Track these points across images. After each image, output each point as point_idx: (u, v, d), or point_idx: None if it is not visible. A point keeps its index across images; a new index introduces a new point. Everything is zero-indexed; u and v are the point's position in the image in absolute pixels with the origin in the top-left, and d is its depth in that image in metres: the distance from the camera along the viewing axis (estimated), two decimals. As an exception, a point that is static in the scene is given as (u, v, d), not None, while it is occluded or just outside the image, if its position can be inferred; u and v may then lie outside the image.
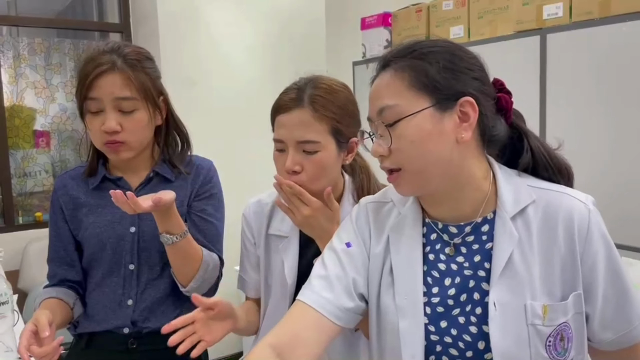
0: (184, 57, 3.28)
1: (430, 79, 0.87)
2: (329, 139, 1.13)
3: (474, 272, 0.91)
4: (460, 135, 0.87)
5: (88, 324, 1.35)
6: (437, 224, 0.95)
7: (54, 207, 1.36)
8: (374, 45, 3.38)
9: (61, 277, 1.35)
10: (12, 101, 3.42)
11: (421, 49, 0.89)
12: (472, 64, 0.91)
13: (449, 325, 0.90)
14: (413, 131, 0.87)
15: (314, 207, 1.11)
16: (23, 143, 3.48)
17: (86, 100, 1.24)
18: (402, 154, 0.88)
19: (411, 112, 0.86)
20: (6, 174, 3.37)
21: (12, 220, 3.39)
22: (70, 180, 1.36)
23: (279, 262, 1.23)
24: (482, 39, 2.71)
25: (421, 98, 0.87)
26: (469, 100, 0.87)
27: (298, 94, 1.13)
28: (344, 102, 1.16)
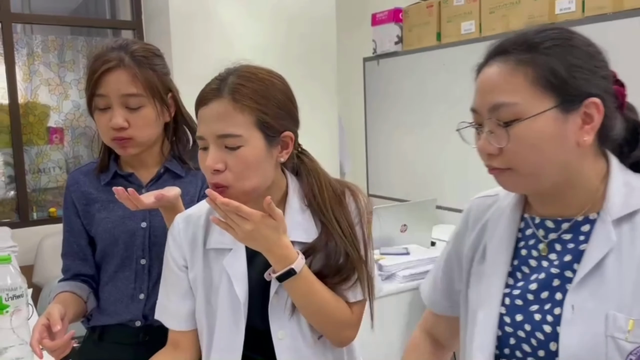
0: (195, 54, 3.30)
1: (558, 77, 0.79)
2: (253, 132, 0.99)
3: (560, 272, 0.86)
4: (582, 139, 0.81)
5: (101, 317, 1.37)
6: (534, 219, 0.91)
7: (67, 202, 1.38)
8: (384, 41, 3.37)
9: (75, 271, 1.37)
10: (26, 98, 3.46)
11: (547, 42, 0.81)
12: (600, 61, 0.84)
13: (524, 320, 0.87)
14: (533, 134, 0.80)
15: (255, 220, 0.96)
16: (37, 139, 3.52)
17: (94, 97, 1.25)
18: (517, 155, 0.82)
19: (533, 113, 0.79)
20: (21, 170, 3.41)
21: (26, 216, 3.44)
22: (82, 176, 1.37)
23: (225, 279, 1.07)
24: (494, 34, 2.70)
25: (545, 97, 0.79)
26: (595, 101, 0.80)
27: (218, 85, 1.01)
28: (272, 92, 1.02)
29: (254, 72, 1.03)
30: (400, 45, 3.31)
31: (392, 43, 3.32)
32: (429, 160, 3.27)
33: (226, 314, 1.07)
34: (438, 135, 3.18)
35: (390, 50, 3.34)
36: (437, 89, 3.14)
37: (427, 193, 3.08)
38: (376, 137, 3.72)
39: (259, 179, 1.03)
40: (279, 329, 1.05)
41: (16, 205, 3.45)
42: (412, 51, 3.25)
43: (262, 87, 1.01)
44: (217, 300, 1.08)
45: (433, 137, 3.22)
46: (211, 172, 1.00)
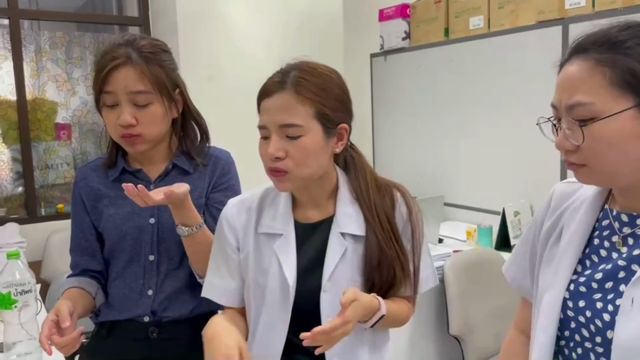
0: (202, 51, 3.30)
1: (637, 78, 0.80)
2: (313, 123, 1.08)
3: (627, 265, 0.87)
4: None
5: (109, 312, 1.37)
6: (612, 211, 0.92)
7: (75, 198, 1.38)
8: (391, 37, 3.35)
9: (83, 266, 1.37)
10: (34, 94, 3.47)
11: (628, 41, 0.81)
12: None
13: (586, 307, 0.89)
14: (611, 133, 0.81)
15: (349, 318, 1.02)
16: (45, 136, 3.54)
17: (102, 94, 1.24)
18: (593, 153, 0.83)
19: (610, 113, 0.80)
20: (29, 166, 3.43)
21: (34, 212, 3.45)
22: (90, 172, 1.37)
23: (275, 263, 1.15)
24: (503, 29, 2.68)
25: (623, 97, 0.80)
26: None
27: (282, 78, 1.09)
28: (330, 86, 1.10)
29: (314, 67, 1.11)
30: (407, 41, 3.29)
31: (399, 39, 3.30)
32: (437, 157, 3.25)
33: (274, 296, 1.15)
34: (446, 131, 3.17)
35: (398, 46, 3.32)
36: (445, 85, 3.12)
37: (434, 190, 3.07)
38: (383, 133, 3.70)
39: (315, 167, 1.11)
40: (329, 315, 1.09)
41: (24, 201, 3.47)
42: (419, 47, 3.23)
43: (322, 81, 1.09)
44: (266, 282, 1.16)
45: (441, 133, 3.21)
46: (272, 159, 1.09)
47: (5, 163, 3.46)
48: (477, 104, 2.95)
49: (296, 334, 1.08)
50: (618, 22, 0.86)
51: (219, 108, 2.67)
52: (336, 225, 1.15)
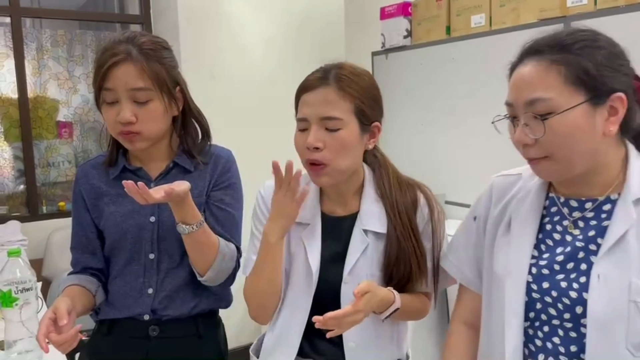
0: (203, 49, 3.29)
1: (589, 75, 0.89)
2: (352, 118, 1.15)
3: (585, 245, 0.96)
4: (608, 129, 0.92)
5: (109, 310, 1.37)
6: (559, 198, 1.01)
7: (76, 196, 1.38)
8: (393, 35, 3.34)
9: (84, 264, 1.37)
10: (35, 92, 3.48)
11: (578, 43, 0.91)
12: (624, 60, 0.95)
13: (551, 287, 0.97)
14: (566, 125, 0.90)
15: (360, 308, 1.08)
16: (46, 134, 3.54)
17: (101, 91, 1.24)
18: (551, 145, 0.92)
19: (566, 107, 0.89)
20: (30, 164, 3.43)
21: (36, 210, 3.46)
22: (91, 170, 1.37)
23: (301, 250, 1.22)
24: (504, 27, 2.67)
25: (576, 93, 0.90)
26: (621, 96, 0.91)
27: (324, 73, 1.16)
28: (368, 85, 1.18)
29: (354, 67, 1.19)
30: (409, 39, 3.28)
31: (401, 37, 3.29)
32: (438, 155, 3.25)
33: (299, 280, 1.22)
34: (447, 129, 3.16)
35: (399, 44, 3.31)
36: (447, 83, 3.12)
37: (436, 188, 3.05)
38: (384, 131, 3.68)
39: (351, 161, 1.17)
40: (347, 304, 1.12)
41: (26, 199, 3.47)
42: (421, 45, 3.22)
43: (361, 80, 1.16)
44: (291, 267, 1.23)
45: (442, 131, 3.20)
46: (311, 149, 1.14)
47: (6, 161, 3.46)
48: (479, 102, 2.94)
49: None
50: (564, 29, 0.96)
51: (220, 106, 2.67)
52: (360, 222, 1.22)
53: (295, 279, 1.22)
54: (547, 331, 0.97)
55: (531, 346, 0.99)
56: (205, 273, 1.29)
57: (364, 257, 1.19)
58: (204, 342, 1.38)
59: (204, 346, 1.38)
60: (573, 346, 0.94)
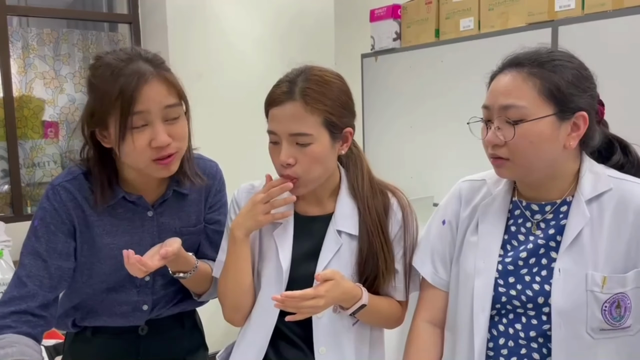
0: (192, 49, 3.27)
1: (560, 91, 1.00)
2: (322, 131, 1.14)
3: (546, 242, 1.08)
4: (568, 143, 1.03)
5: (98, 319, 1.30)
6: (522, 202, 1.12)
7: (57, 220, 1.18)
8: (382, 37, 3.35)
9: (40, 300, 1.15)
10: (21, 92, 3.43)
11: (556, 61, 1.02)
12: (592, 83, 1.06)
13: (516, 282, 1.08)
14: (534, 133, 1.00)
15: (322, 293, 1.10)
16: (32, 133, 3.49)
17: (129, 117, 1.08)
18: (517, 149, 1.02)
19: (537, 117, 1.00)
20: (15, 164, 3.38)
21: (20, 210, 3.41)
22: (77, 193, 1.20)
23: (273, 248, 1.22)
24: (493, 31, 2.69)
25: (547, 105, 1.00)
26: (584, 115, 1.02)
27: (290, 87, 1.14)
28: (337, 94, 1.16)
29: (320, 75, 1.16)
30: (398, 42, 3.29)
31: (390, 39, 3.30)
32: (427, 158, 3.26)
33: (270, 279, 1.21)
34: (436, 132, 3.17)
35: (389, 46, 3.32)
36: (436, 86, 3.13)
37: (424, 190, 3.07)
38: (373, 134, 3.70)
39: (323, 171, 1.18)
40: None
41: (10, 200, 3.42)
42: (410, 48, 3.23)
43: (328, 90, 1.15)
44: (262, 267, 1.23)
45: (431, 134, 3.21)
46: (283, 165, 1.15)
47: (-9, 161, 3.41)
48: (468, 105, 2.95)
49: (284, 323, 1.16)
50: (545, 47, 1.07)
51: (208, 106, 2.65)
52: (334, 223, 1.22)
53: (267, 279, 1.21)
54: (511, 318, 1.08)
55: (494, 331, 1.10)
56: (200, 297, 1.32)
57: (337, 257, 1.19)
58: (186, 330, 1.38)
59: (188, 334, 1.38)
60: (532, 332, 1.06)
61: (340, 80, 1.19)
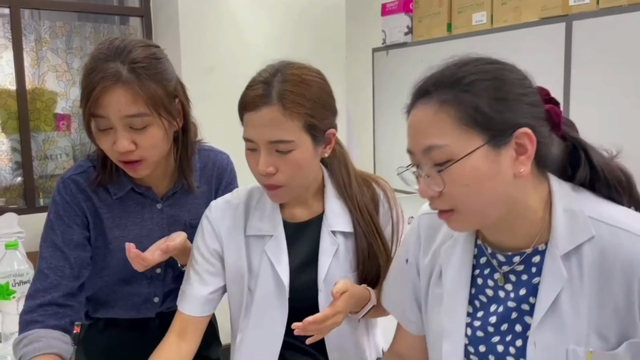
0: (204, 42, 3.28)
1: (481, 113, 0.78)
2: (303, 136, 1.03)
3: (517, 305, 0.88)
4: (518, 170, 0.80)
5: (109, 311, 1.31)
6: (486, 248, 0.92)
7: (69, 212, 1.20)
8: (394, 32, 3.34)
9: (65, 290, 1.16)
10: (34, 84, 3.46)
11: (466, 77, 0.79)
12: (524, 88, 0.82)
13: (487, 351, 0.90)
14: (467, 174, 0.79)
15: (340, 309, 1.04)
16: (44, 126, 3.52)
17: (92, 117, 1.09)
18: (455, 197, 0.81)
19: (463, 154, 0.78)
20: (28, 157, 3.41)
21: (33, 202, 3.44)
22: (87, 186, 1.21)
23: (266, 264, 1.13)
24: (506, 25, 2.66)
25: (472, 136, 0.78)
26: (526, 132, 0.79)
27: (265, 89, 1.03)
28: (318, 94, 1.05)
29: (298, 74, 1.05)
30: (410, 36, 3.28)
31: (401, 34, 3.28)
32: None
33: (268, 296, 1.13)
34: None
35: (400, 40, 3.30)
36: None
37: (434, 185, 3.06)
38: (384, 129, 3.69)
39: (308, 177, 1.10)
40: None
41: (23, 192, 3.46)
42: (421, 42, 3.21)
43: (308, 91, 1.04)
44: (256, 285, 1.14)
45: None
46: (263, 175, 1.05)
47: (4, 153, 3.44)
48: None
49: (291, 335, 1.08)
50: (453, 60, 0.84)
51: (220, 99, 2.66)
52: (326, 224, 1.15)
53: (263, 296, 1.13)
54: None
55: None
56: None
57: (336, 260, 1.13)
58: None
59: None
60: None
61: (321, 78, 1.09)
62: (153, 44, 1.18)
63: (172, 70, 1.19)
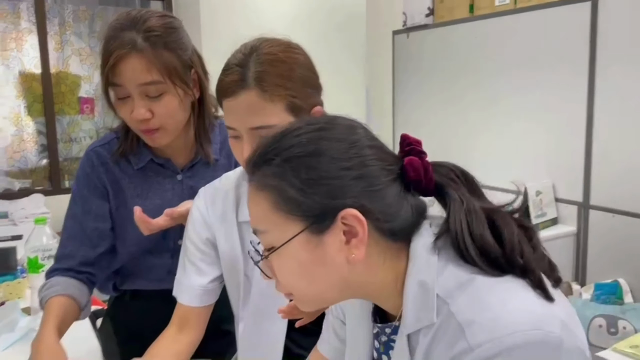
0: (224, 24, 3.29)
1: (291, 199, 0.66)
2: (286, 117, 0.95)
3: None
4: (350, 256, 0.67)
5: (135, 281, 1.34)
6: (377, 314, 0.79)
7: (91, 182, 1.24)
8: (415, 13, 3.30)
9: (81, 259, 1.22)
10: (58, 68, 3.51)
11: (279, 155, 0.68)
12: (349, 157, 0.67)
13: None
14: (289, 263, 0.69)
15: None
16: (68, 109, 3.58)
17: (110, 86, 1.12)
18: (287, 285, 0.72)
19: (283, 242, 0.68)
20: (53, 139, 3.48)
21: (59, 184, 3.52)
22: (108, 157, 1.25)
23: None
24: (529, 5, 2.62)
25: (290, 222, 0.67)
26: (351, 213, 0.65)
27: (241, 73, 0.95)
28: (298, 72, 0.97)
29: (275, 53, 0.96)
30: (431, 18, 3.24)
31: (422, 15, 3.25)
32: (459, 137, 3.22)
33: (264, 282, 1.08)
34: (468, 110, 3.13)
35: (421, 22, 3.27)
36: (469, 63, 3.08)
37: (455, 169, 3.05)
38: (404, 112, 3.67)
39: None
40: None
41: (49, 174, 3.53)
42: (443, 24, 3.18)
43: (287, 69, 0.96)
44: (253, 269, 1.09)
45: (463, 111, 3.17)
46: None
47: (30, 135, 3.52)
48: (501, 82, 2.90)
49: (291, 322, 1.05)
50: (281, 128, 0.71)
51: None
52: None
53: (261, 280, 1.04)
54: None
55: None
56: None
57: None
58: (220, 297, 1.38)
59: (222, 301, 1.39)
60: None
61: (299, 53, 1.00)
62: (170, 15, 1.19)
63: (188, 41, 1.19)
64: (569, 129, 2.60)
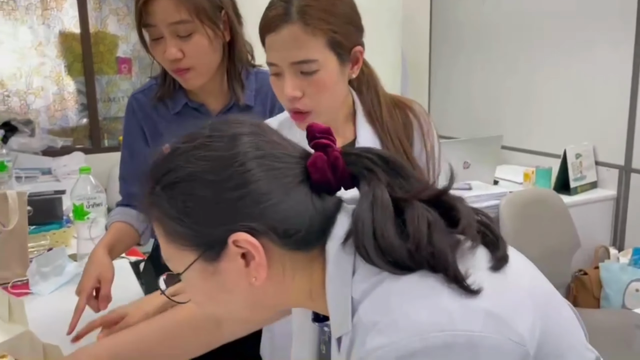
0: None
1: (174, 230, 0.61)
2: (328, 54, 0.98)
3: None
4: (251, 280, 0.62)
5: None
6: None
7: (132, 127, 1.32)
8: (455, -30, 3.20)
9: (133, 195, 1.29)
10: (96, 27, 3.56)
11: (156, 183, 0.61)
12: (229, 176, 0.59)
13: None
14: (193, 290, 0.66)
15: None
16: (107, 69, 3.64)
17: (144, 28, 1.17)
18: (202, 307, 0.71)
19: (182, 271, 0.63)
20: (92, 98, 3.56)
21: (98, 143, 3.61)
22: (147, 102, 1.31)
23: None
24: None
25: (182, 252, 0.62)
26: (242, 237, 0.59)
27: (285, 7, 0.97)
28: (341, 8, 0.99)
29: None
30: (471, -25, 3.14)
31: (463, -28, 3.15)
32: (498, 96, 3.16)
33: None
34: (506, 73, 3.05)
35: (461, -21, 3.17)
36: (509, 22, 2.98)
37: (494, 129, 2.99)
38: (440, 73, 3.61)
39: (335, 99, 1.05)
40: None
41: (89, 132, 3.62)
42: (484, -19, 3.08)
43: (330, 4, 0.98)
44: None
45: (501, 72, 3.10)
46: (290, 99, 1.01)
47: (70, 95, 3.60)
48: (541, 41, 2.81)
49: None
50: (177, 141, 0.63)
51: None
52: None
53: None
54: None
55: None
56: None
57: None
58: None
59: None
60: None
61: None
62: None
63: None
64: (611, 89, 2.52)
